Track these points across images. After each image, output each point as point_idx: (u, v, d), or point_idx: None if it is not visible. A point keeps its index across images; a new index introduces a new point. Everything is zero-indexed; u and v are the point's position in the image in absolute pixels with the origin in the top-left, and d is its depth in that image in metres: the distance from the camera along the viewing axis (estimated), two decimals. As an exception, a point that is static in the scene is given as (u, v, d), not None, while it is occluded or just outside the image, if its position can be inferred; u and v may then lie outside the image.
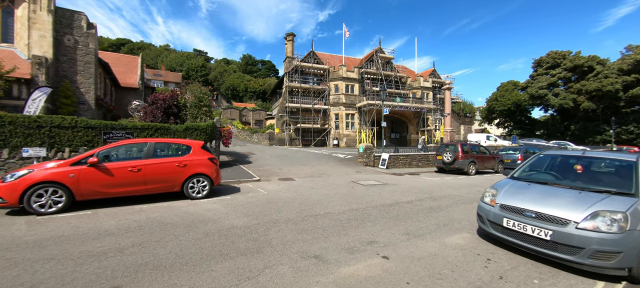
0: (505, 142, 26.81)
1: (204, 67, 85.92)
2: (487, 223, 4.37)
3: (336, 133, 32.25)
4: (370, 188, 9.23)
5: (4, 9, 18.13)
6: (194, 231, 4.79)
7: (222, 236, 4.56)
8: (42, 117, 9.17)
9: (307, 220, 5.52)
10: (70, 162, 6.00)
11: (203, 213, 5.94)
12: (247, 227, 5.06)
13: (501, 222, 4.11)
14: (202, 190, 7.33)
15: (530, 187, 4.46)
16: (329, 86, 32.81)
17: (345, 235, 4.72)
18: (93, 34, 20.53)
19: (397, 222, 5.56)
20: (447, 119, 24.95)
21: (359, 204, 6.99)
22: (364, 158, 16.22)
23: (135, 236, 4.50)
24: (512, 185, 4.68)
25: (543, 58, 43.22)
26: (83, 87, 20.00)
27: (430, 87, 38.10)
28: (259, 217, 5.73)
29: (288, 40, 33.68)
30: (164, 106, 13.61)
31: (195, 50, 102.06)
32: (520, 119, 45.77)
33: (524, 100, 42.63)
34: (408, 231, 4.99)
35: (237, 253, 3.90)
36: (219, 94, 72.29)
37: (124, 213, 5.81)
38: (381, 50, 35.50)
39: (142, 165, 6.58)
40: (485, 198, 4.60)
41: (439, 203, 7.31)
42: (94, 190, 6.08)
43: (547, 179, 4.73)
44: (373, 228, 5.13)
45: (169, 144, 7.33)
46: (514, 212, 4.02)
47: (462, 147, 15.06)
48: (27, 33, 18.02)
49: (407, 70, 40.71)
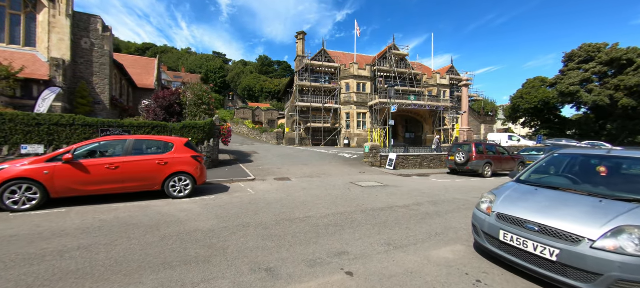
0: (530, 143, 24.77)
1: (222, 68, 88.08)
2: (482, 236, 3.62)
3: (347, 133, 31.48)
4: (367, 190, 8.54)
5: (27, 15, 19.20)
6: (153, 234, 4.41)
7: (178, 241, 4.15)
8: (41, 115, 9.35)
9: (281, 225, 5.00)
10: (46, 159, 5.88)
11: (175, 214, 5.59)
12: (211, 231, 4.61)
13: (497, 235, 3.36)
14: (184, 190, 7.02)
15: (538, 192, 3.65)
16: (340, 85, 32.12)
17: (315, 243, 4.14)
18: (108, 37, 21.28)
19: (382, 229, 4.89)
20: (464, 117, 23.43)
21: (347, 207, 6.37)
22: (370, 159, 15.44)
23: (89, 238, 4.20)
24: (516, 189, 3.88)
25: (575, 52, 39.80)
26: (99, 87, 20.78)
27: (448, 84, 36.26)
28: (230, 219, 5.28)
29: (299, 39, 33.36)
30: (166, 105, 13.64)
31: (215, 53, 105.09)
32: (549, 118, 42.51)
33: (552, 98, 39.51)
34: (390, 241, 4.31)
35: (181, 262, 3.45)
36: (235, 94, 73.72)
37: (95, 212, 5.58)
38: (395, 47, 34.26)
39: (120, 163, 6.36)
40: (481, 204, 3.84)
41: (439, 208, 6.51)
42: (69, 188, 5.92)
43: (561, 183, 3.88)
44: (351, 236, 4.50)
45: (150, 141, 7.09)
46: (513, 224, 3.26)
47: (477, 146, 13.89)
48: (47, 37, 18.95)
49: (423, 68, 39.09)
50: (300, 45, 32.87)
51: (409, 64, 35.68)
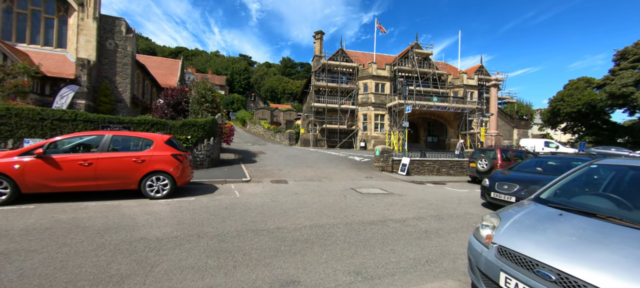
0: (571, 150, 21.94)
1: (246, 70, 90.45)
2: (478, 275, 2.62)
3: (364, 135, 30.27)
4: (365, 199, 7.58)
5: (59, 18, 20.56)
6: (92, 241, 3.91)
7: (112, 251, 3.59)
8: (44, 110, 9.55)
9: (242, 237, 4.29)
10: (18, 153, 5.71)
11: (138, 217, 5.11)
12: (158, 240, 4.02)
13: (496, 278, 2.36)
14: (162, 190, 6.59)
15: (563, 219, 2.58)
16: (357, 85, 31.01)
17: (265, 265, 3.36)
18: (131, 38, 22.20)
19: (359, 249, 3.99)
20: (491, 120, 21.30)
21: (331, 219, 5.51)
22: (380, 163, 14.32)
23: (24, 241, 3.78)
24: (531, 212, 2.82)
25: (629, 49, 35.04)
26: (121, 86, 21.70)
27: (476, 85, 33.62)
28: (191, 227, 4.67)
29: (317, 39, 32.79)
30: (173, 102, 13.63)
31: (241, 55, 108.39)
32: (595, 123, 37.83)
33: (600, 101, 35.08)
34: (362, 268, 3.41)
35: (92, 281, 2.85)
36: (257, 95, 75.11)
37: (58, 211, 5.26)
38: (418, 46, 32.45)
39: (94, 159, 6.06)
40: (480, 230, 2.83)
41: (443, 225, 5.42)
42: (39, 184, 5.70)
43: (599, 207, 2.75)
44: (316, 257, 3.67)
45: (128, 137, 6.75)
46: (519, 264, 2.25)
47: (503, 152, 12.27)
48: (75, 38, 20.12)
49: (448, 67, 36.71)
50: (318, 45, 32.29)
51: (432, 64, 33.65)
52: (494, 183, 7.13)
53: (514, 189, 6.55)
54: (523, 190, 6.38)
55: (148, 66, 26.91)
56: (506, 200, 6.51)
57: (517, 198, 6.20)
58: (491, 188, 7.11)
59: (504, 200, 6.55)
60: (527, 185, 6.45)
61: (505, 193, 6.69)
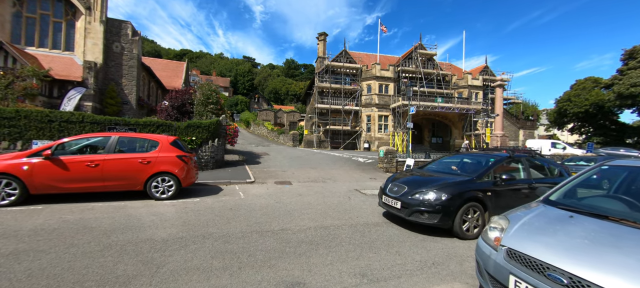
0: (578, 151, 21.60)
1: (250, 72, 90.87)
2: (486, 278, 2.58)
3: (367, 136, 30.18)
4: (370, 200, 7.54)
5: (67, 22, 20.88)
6: (99, 241, 3.94)
7: (119, 252, 3.61)
8: (53, 112, 9.69)
9: (247, 238, 4.29)
10: (27, 154, 5.80)
11: (144, 218, 5.14)
12: (164, 241, 4.04)
13: (506, 282, 2.32)
14: (167, 191, 6.63)
15: (574, 221, 2.53)
16: (361, 86, 30.95)
17: (270, 267, 3.36)
18: (137, 41, 22.44)
19: (365, 251, 3.96)
20: (497, 120, 21.07)
21: (336, 220, 5.48)
22: (384, 164, 14.25)
23: (33, 242, 3.83)
24: (541, 214, 2.77)
25: (637, 48, 34.44)
26: (127, 88, 21.95)
27: (480, 85, 33.33)
28: (196, 228, 4.68)
29: (320, 40, 32.84)
30: (178, 104, 13.74)
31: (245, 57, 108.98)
32: (603, 124, 37.23)
33: (608, 101, 34.53)
34: (368, 270, 3.38)
35: (99, 282, 2.87)
36: (260, 97, 75.36)
37: (68, 211, 5.33)
38: (421, 46, 32.31)
39: (101, 160, 6.12)
40: (488, 232, 2.79)
41: (449, 227, 5.36)
42: (48, 185, 5.77)
43: (611, 209, 2.69)
44: (321, 259, 3.65)
45: (134, 138, 6.81)
46: (529, 267, 2.20)
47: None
48: (83, 41, 20.41)
49: (452, 68, 36.44)
50: (321, 47, 32.34)
51: (436, 64, 33.46)
52: (387, 185, 5.64)
53: (402, 192, 5.09)
54: (410, 193, 4.92)
55: (153, 68, 27.18)
56: (392, 205, 5.15)
57: (402, 203, 4.92)
58: (384, 190, 5.59)
59: (391, 205, 5.18)
60: (415, 188, 5.00)
61: (392, 197, 5.21)
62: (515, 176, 5.38)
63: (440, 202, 4.59)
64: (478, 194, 4.80)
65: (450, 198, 4.60)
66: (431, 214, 4.58)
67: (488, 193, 4.89)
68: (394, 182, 5.53)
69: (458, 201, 4.61)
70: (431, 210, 4.58)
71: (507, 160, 5.54)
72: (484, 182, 5.00)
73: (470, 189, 4.79)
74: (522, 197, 5.13)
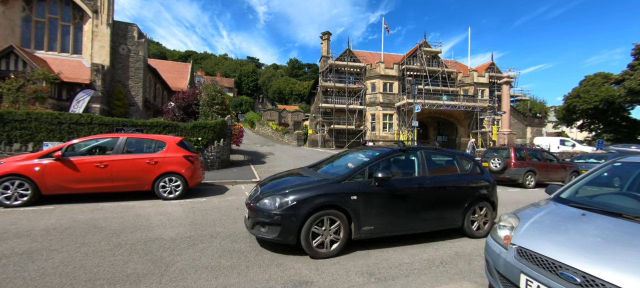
0: (588, 148, 21.21)
1: (254, 72, 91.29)
2: (496, 277, 2.55)
3: (372, 135, 30.07)
4: (376, 199, 7.51)
5: (75, 25, 21.23)
6: (109, 241, 4.00)
7: (128, 251, 3.67)
8: (62, 114, 9.88)
9: (253, 237, 4.30)
10: (38, 155, 5.92)
11: (152, 217, 5.21)
12: (172, 240, 4.09)
13: (517, 281, 2.29)
14: (174, 191, 6.70)
15: (587, 219, 2.48)
16: (365, 85, 30.85)
17: (278, 265, 3.37)
18: (143, 43, 22.72)
19: (372, 250, 3.95)
20: (504, 118, 20.83)
21: (342, 219, 5.47)
22: (389, 163, 14.17)
23: (45, 241, 3.91)
24: (552, 212, 2.72)
25: (649, 42, 33.68)
26: (133, 90, 22.23)
27: (487, 83, 32.92)
28: (203, 227, 4.73)
29: (324, 39, 32.80)
30: (184, 105, 13.87)
31: (248, 58, 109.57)
32: (614, 120, 36.46)
33: (618, 96, 33.78)
34: (375, 269, 3.37)
35: (110, 280, 2.92)
36: (265, 97, 75.68)
37: (78, 211, 5.43)
38: (426, 44, 32.05)
39: (110, 161, 6.22)
40: (498, 230, 2.76)
41: (456, 225, 5.31)
42: (58, 185, 5.89)
43: (624, 207, 2.63)
44: (329, 257, 3.65)
45: (142, 139, 6.90)
46: (540, 266, 2.17)
47: (517, 151, 11.95)
48: (90, 44, 20.73)
49: (458, 65, 36.07)
50: (325, 46, 32.29)
51: (441, 62, 33.16)
52: (253, 190, 4.52)
53: (254, 196, 4.02)
54: (257, 199, 3.86)
55: (159, 70, 27.48)
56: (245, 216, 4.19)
57: (248, 211, 4.00)
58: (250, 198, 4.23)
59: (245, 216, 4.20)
60: (265, 192, 3.94)
61: (246, 203, 4.13)
62: (400, 174, 4.39)
63: (279, 210, 3.53)
64: (338, 199, 3.70)
65: (292, 206, 3.53)
66: (270, 227, 3.57)
67: (353, 198, 3.77)
68: (262, 185, 4.35)
69: (305, 209, 3.53)
70: (269, 221, 3.55)
71: (395, 154, 4.43)
72: (354, 183, 3.89)
73: (328, 193, 3.69)
74: (407, 201, 4.12)
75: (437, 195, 4.39)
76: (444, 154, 5.20)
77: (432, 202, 4.30)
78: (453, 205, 4.51)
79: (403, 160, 4.59)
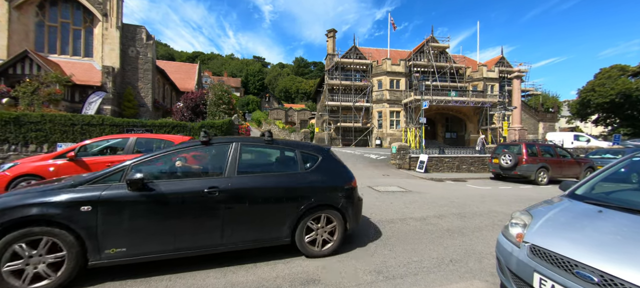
0: (603, 143, 20.53)
1: (260, 71, 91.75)
2: (508, 276, 2.48)
3: (379, 132, 29.87)
4: (383, 196, 7.46)
5: (86, 29, 21.74)
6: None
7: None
8: (75, 115, 10.14)
9: (261, 235, 4.33)
10: (53, 156, 6.09)
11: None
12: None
13: (530, 280, 2.22)
14: (183, 190, 6.79)
15: (603, 216, 2.39)
16: (371, 82, 30.62)
17: (284, 264, 3.37)
18: (151, 45, 23.10)
19: (379, 248, 3.92)
20: (515, 113, 20.34)
21: (349, 217, 5.45)
22: (397, 160, 14.06)
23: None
24: (566, 209, 2.64)
25: (669, 32, 32.31)
26: (143, 91, 22.65)
27: (496, 77, 32.23)
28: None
29: (329, 37, 32.70)
30: (192, 105, 14.05)
31: (255, 57, 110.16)
32: (631, 114, 35.20)
33: (636, 89, 32.62)
34: (383, 267, 3.34)
35: (120, 277, 2.97)
36: (271, 96, 76.00)
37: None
38: (433, 39, 31.56)
39: (121, 161, 6.32)
40: (510, 228, 2.69)
41: (466, 223, 5.23)
42: (72, 185, 6.03)
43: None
44: (336, 256, 3.63)
45: (151, 139, 7.01)
46: (555, 264, 2.10)
47: (529, 147, 11.68)
48: (101, 47, 21.21)
49: (466, 60, 35.41)
50: (331, 43, 32.19)
51: (449, 57, 32.62)
52: None
53: None
54: None
55: (167, 71, 27.89)
56: None
57: None
58: None
59: None
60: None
61: None
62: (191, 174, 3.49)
63: None
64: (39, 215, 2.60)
65: None
66: None
67: (83, 209, 2.72)
68: None
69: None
70: None
71: (191, 147, 3.48)
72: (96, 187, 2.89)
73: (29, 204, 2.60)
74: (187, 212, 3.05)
75: (248, 204, 3.27)
76: (276, 147, 3.86)
77: (238, 214, 3.22)
78: (275, 217, 3.42)
79: (203, 155, 3.64)
